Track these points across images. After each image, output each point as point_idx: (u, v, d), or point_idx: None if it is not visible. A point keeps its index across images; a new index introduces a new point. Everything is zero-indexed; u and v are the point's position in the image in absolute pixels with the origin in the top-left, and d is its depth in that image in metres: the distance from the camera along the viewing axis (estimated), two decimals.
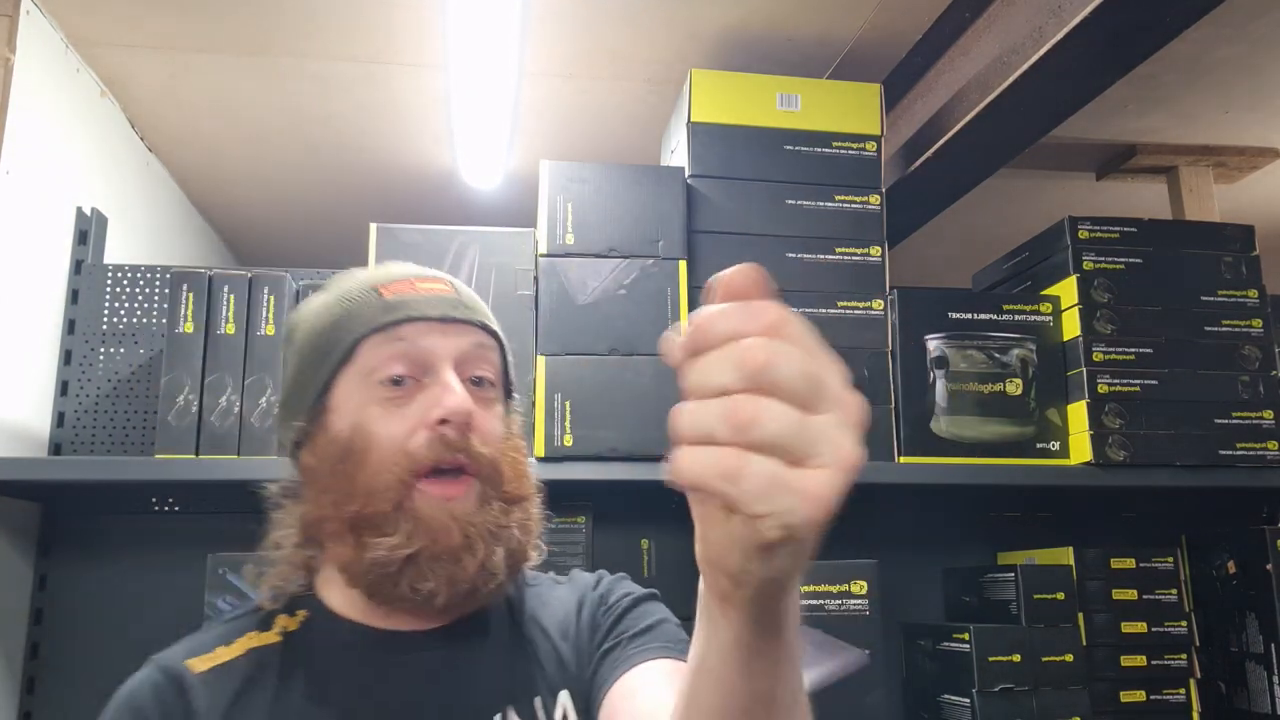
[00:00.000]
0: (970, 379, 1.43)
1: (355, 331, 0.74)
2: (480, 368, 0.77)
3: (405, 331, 0.74)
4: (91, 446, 1.41)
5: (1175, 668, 1.40)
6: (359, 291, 0.77)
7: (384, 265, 0.83)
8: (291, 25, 1.54)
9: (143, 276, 1.46)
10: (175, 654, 0.74)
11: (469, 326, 0.77)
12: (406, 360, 0.74)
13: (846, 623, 1.30)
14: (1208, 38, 1.58)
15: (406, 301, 0.76)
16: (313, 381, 0.76)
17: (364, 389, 0.74)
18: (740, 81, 1.46)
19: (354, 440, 0.72)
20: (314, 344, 0.77)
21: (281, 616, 0.77)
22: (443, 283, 0.80)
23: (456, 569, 0.70)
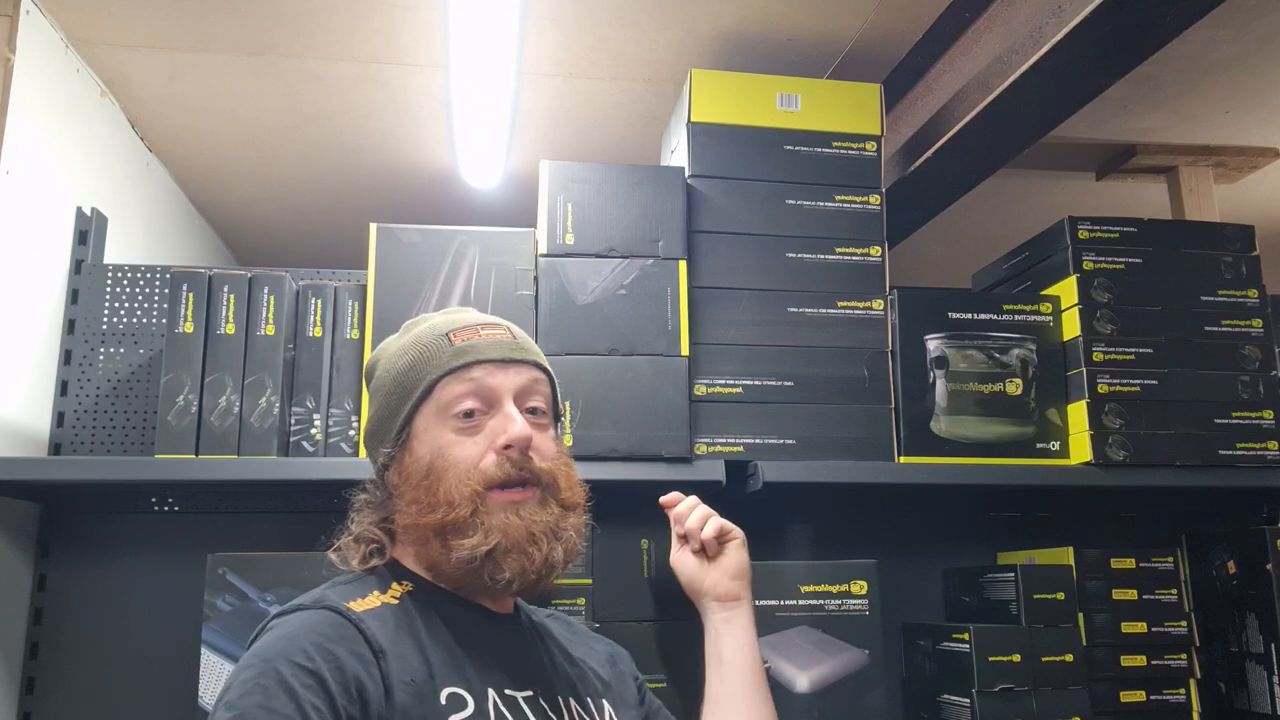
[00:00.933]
0: (970, 379, 1.43)
1: (432, 374, 0.91)
2: (535, 400, 0.94)
3: (474, 373, 0.91)
4: (91, 446, 1.41)
5: (1175, 668, 1.40)
6: (433, 339, 0.94)
7: (452, 313, 0.99)
8: (291, 25, 1.54)
9: (143, 276, 1.46)
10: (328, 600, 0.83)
11: (525, 366, 0.94)
12: (475, 396, 0.90)
13: (846, 623, 1.30)
14: (1208, 38, 1.58)
15: (474, 346, 0.92)
16: (397, 415, 0.92)
17: (440, 421, 0.90)
18: (740, 81, 1.46)
19: (435, 462, 0.88)
20: (397, 383, 0.93)
21: (393, 583, 0.89)
22: (502, 328, 0.96)
23: (525, 560, 0.86)
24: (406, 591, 0.89)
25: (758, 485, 1.29)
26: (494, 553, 0.86)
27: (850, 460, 1.36)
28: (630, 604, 1.35)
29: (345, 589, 0.87)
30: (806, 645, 1.28)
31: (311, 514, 1.23)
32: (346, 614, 0.81)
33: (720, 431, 1.35)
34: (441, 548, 0.87)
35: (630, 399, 1.31)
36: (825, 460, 1.35)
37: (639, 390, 1.32)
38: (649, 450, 1.30)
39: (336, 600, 0.83)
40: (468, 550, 0.85)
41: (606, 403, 1.31)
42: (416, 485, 0.89)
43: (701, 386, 1.36)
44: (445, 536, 0.87)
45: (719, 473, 1.31)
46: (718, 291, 1.39)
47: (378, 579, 0.90)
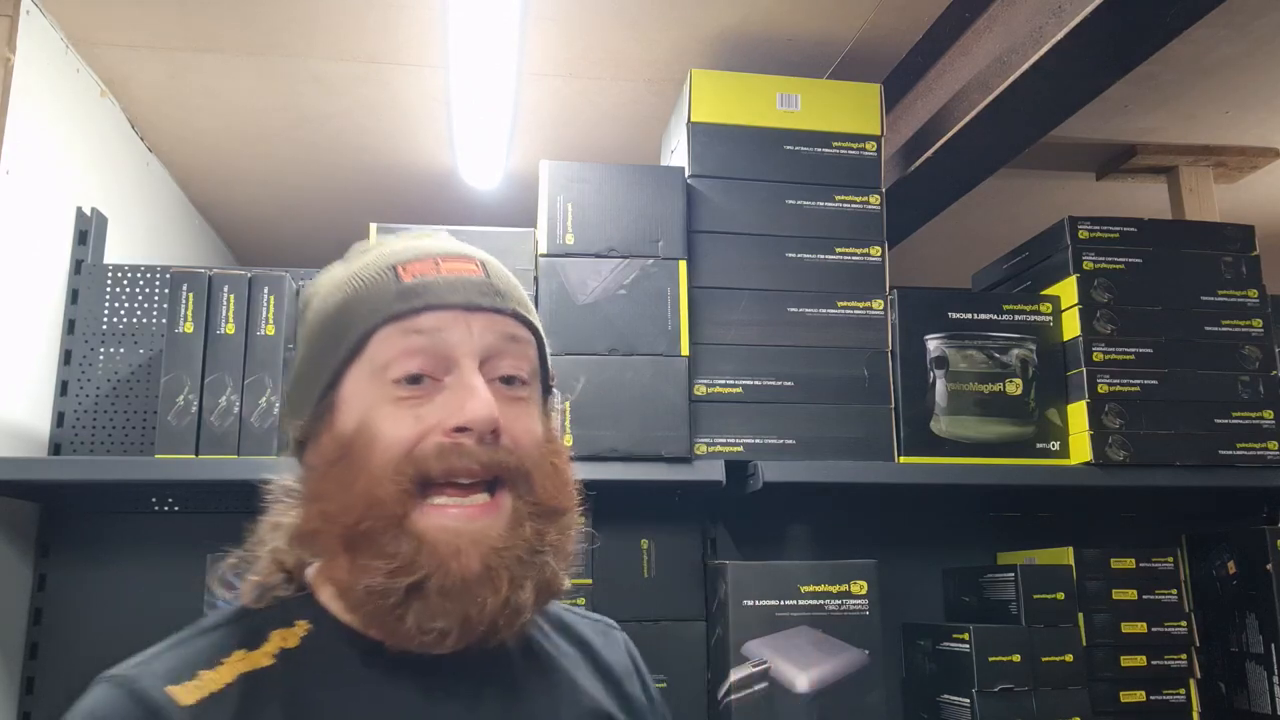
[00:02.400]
0: (970, 379, 1.43)
1: (367, 320, 0.64)
2: (511, 365, 0.67)
3: (424, 322, 0.64)
4: (91, 446, 1.41)
5: (1175, 668, 1.40)
6: (375, 270, 0.67)
7: (408, 236, 0.71)
8: (291, 25, 1.54)
9: (143, 276, 1.46)
10: (150, 675, 0.60)
11: (500, 316, 0.66)
12: (425, 356, 0.63)
13: (846, 623, 1.30)
14: (1208, 38, 1.58)
15: (427, 286, 0.65)
16: (320, 373, 0.66)
17: (375, 386, 0.63)
18: (740, 81, 1.46)
19: (357, 439, 0.62)
20: (323, 329, 0.67)
21: (277, 632, 0.64)
22: (472, 262, 0.68)
23: (472, 605, 0.59)
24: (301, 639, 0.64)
25: (758, 485, 1.29)
26: (422, 590, 0.59)
27: (850, 460, 1.36)
28: (630, 604, 1.35)
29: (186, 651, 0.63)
30: (806, 645, 1.28)
31: None
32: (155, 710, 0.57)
33: (720, 431, 1.35)
34: (350, 568, 0.61)
35: (630, 399, 1.31)
36: (825, 460, 1.35)
37: (639, 390, 1.32)
38: (649, 450, 1.30)
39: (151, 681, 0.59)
40: (381, 577, 0.59)
41: (606, 403, 1.31)
42: (326, 471, 0.63)
43: (701, 386, 1.36)
44: (355, 552, 0.61)
45: (719, 473, 1.31)
46: (718, 291, 1.39)
47: (255, 624, 0.65)
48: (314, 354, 0.68)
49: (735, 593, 1.29)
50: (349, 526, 0.61)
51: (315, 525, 0.64)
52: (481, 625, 0.60)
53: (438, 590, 0.59)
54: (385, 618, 0.60)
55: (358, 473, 0.61)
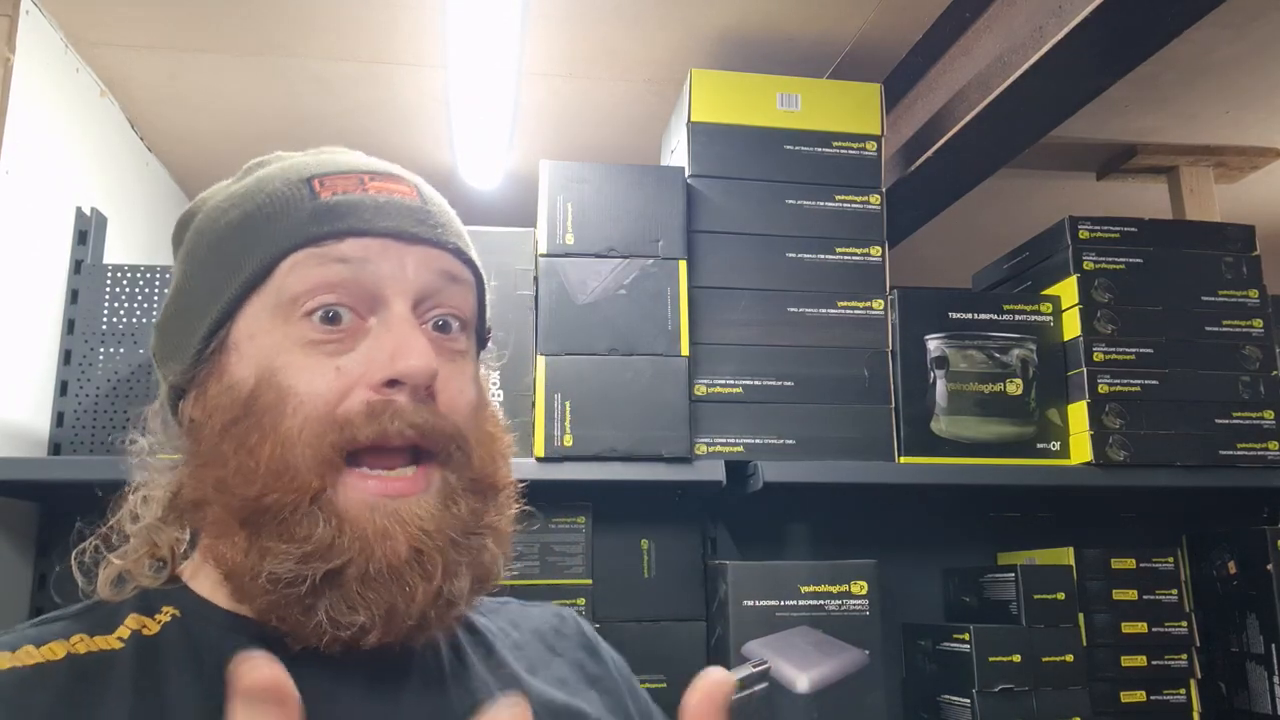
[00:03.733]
0: (970, 379, 1.43)
1: (276, 242, 0.53)
2: (449, 305, 0.56)
3: (347, 249, 0.53)
4: (91, 446, 1.41)
5: (1175, 668, 1.40)
6: (284, 183, 0.56)
7: (321, 149, 0.61)
8: (291, 25, 1.54)
9: (143, 276, 1.46)
10: None
11: (436, 250, 0.56)
12: (346, 290, 0.53)
13: (846, 623, 1.30)
14: (1208, 38, 1.58)
15: (350, 205, 0.54)
16: (209, 306, 0.54)
17: (282, 324, 0.53)
18: (740, 81, 1.45)
19: (260, 394, 0.51)
20: (214, 250, 0.55)
21: (134, 617, 0.54)
22: (403, 183, 0.58)
23: (400, 595, 0.49)
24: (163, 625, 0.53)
25: (758, 485, 1.29)
26: (341, 577, 0.49)
27: (850, 460, 1.36)
28: (630, 604, 1.35)
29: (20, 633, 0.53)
30: (806, 645, 1.28)
31: None
32: None
33: (720, 431, 1.35)
34: (248, 550, 0.50)
35: (630, 399, 1.31)
36: (825, 460, 1.35)
37: (639, 390, 1.32)
38: (649, 450, 1.30)
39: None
40: (292, 562, 0.49)
41: (606, 403, 1.30)
42: (222, 432, 0.52)
43: (701, 386, 1.36)
44: (255, 530, 0.50)
45: (719, 473, 1.31)
46: (718, 291, 1.39)
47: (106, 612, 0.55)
48: (200, 282, 0.56)
49: (735, 593, 1.29)
50: (250, 500, 0.50)
51: (203, 495, 0.53)
52: (410, 619, 0.50)
53: (358, 578, 0.49)
54: (289, 610, 0.49)
55: (264, 435, 0.50)
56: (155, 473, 0.58)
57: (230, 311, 0.54)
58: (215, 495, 0.52)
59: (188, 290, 0.57)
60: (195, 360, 0.55)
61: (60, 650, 0.51)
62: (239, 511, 0.51)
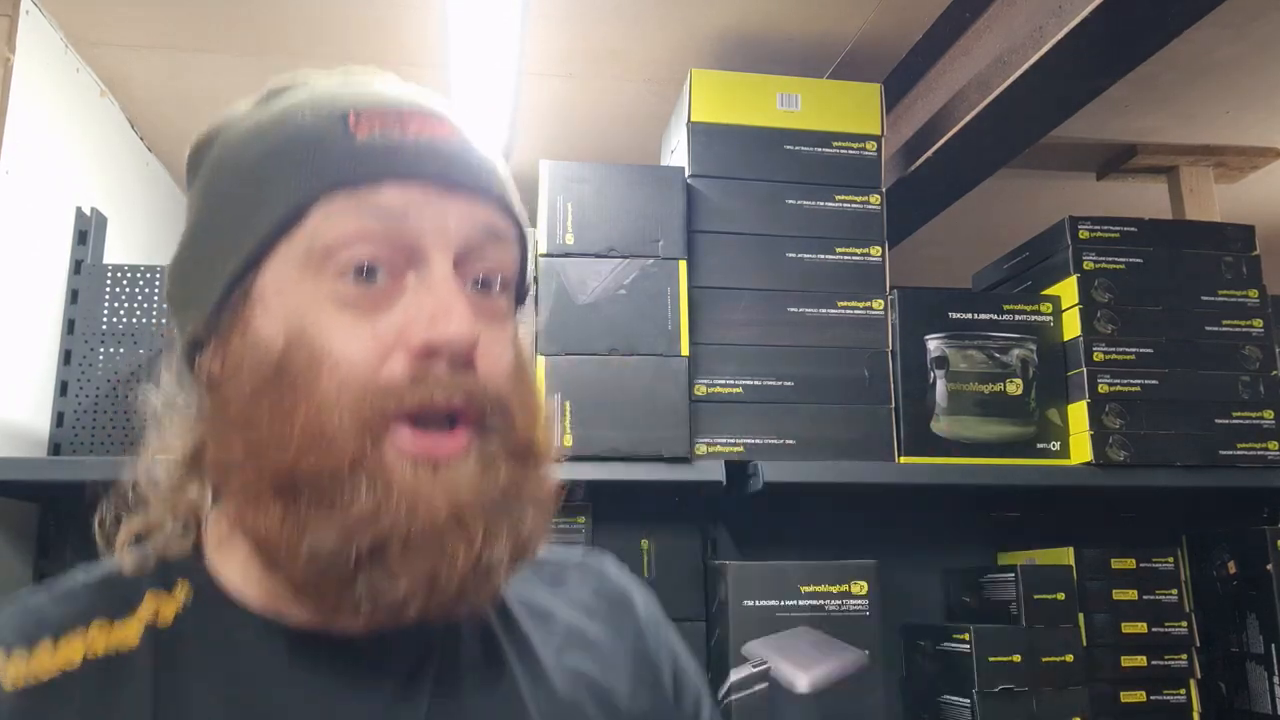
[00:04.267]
0: (970, 379, 1.43)
1: (307, 184, 0.48)
2: (491, 265, 0.52)
3: (386, 198, 0.48)
4: (91, 446, 1.41)
5: (1175, 668, 1.40)
6: (316, 116, 0.50)
7: (354, 72, 0.55)
8: (291, 25, 1.54)
9: (142, 276, 1.46)
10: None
11: (481, 198, 0.51)
12: (383, 242, 0.48)
13: (846, 623, 1.30)
14: (1208, 38, 1.58)
15: (391, 147, 0.49)
16: (231, 250, 0.50)
17: (312, 277, 0.48)
18: (740, 81, 1.45)
19: (292, 355, 0.47)
20: (238, 187, 0.50)
21: (150, 594, 0.51)
22: (446, 123, 0.52)
23: (441, 562, 0.46)
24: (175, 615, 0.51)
25: (758, 485, 1.29)
26: (385, 547, 0.45)
27: (850, 460, 1.36)
28: None
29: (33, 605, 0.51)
30: (806, 645, 1.28)
31: None
32: None
33: (720, 431, 1.35)
34: (285, 520, 0.46)
35: (630, 399, 1.31)
36: (825, 460, 1.35)
37: (639, 390, 1.31)
38: (649, 450, 1.30)
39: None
40: (334, 535, 0.45)
41: (606, 403, 1.30)
42: (252, 395, 0.48)
43: (701, 386, 1.36)
44: (292, 499, 0.46)
45: (719, 473, 1.31)
46: (718, 291, 1.39)
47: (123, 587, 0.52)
48: (221, 223, 0.51)
49: (735, 593, 1.29)
50: (285, 466, 0.46)
51: (230, 458, 0.49)
52: (450, 587, 0.46)
53: (400, 545, 0.46)
54: (328, 583, 0.46)
55: (298, 399, 0.47)
56: (171, 431, 0.54)
57: (255, 259, 0.49)
58: (246, 459, 0.48)
59: (207, 231, 0.52)
60: (216, 309, 0.50)
61: (78, 653, 0.48)
62: (273, 478, 0.47)
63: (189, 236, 0.53)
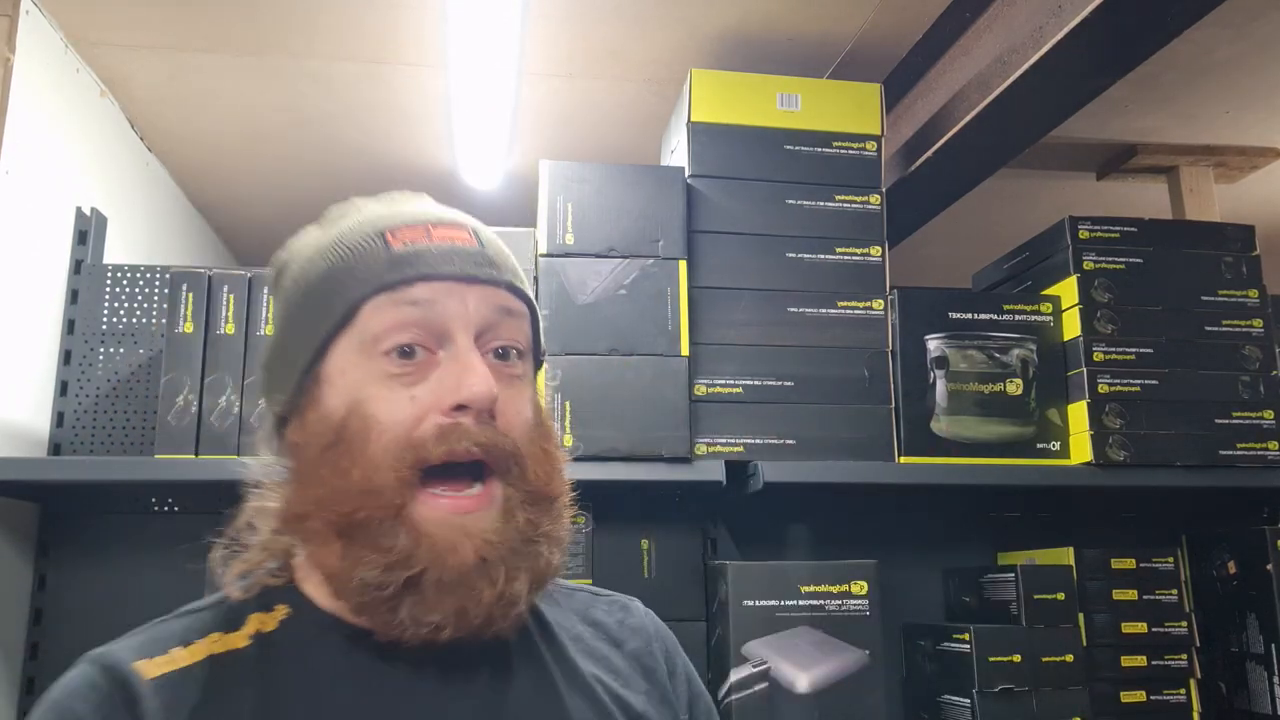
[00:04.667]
0: (970, 379, 1.43)
1: (356, 290, 0.62)
2: (506, 336, 0.65)
3: (417, 293, 0.61)
4: (91, 446, 1.41)
5: (1175, 668, 1.40)
6: (362, 236, 0.64)
7: (392, 199, 0.69)
8: (291, 25, 1.54)
9: (142, 276, 1.46)
10: (121, 651, 0.61)
11: (494, 288, 0.64)
12: (418, 328, 0.61)
13: (846, 623, 1.30)
14: (1208, 38, 1.58)
15: (419, 254, 0.63)
16: (304, 346, 0.63)
17: (366, 360, 0.61)
18: (740, 81, 1.45)
19: (350, 423, 0.60)
20: (307, 298, 0.64)
21: (255, 615, 0.64)
22: (464, 230, 0.66)
23: (468, 598, 0.58)
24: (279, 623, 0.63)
25: (758, 485, 1.29)
26: (420, 582, 0.58)
27: (850, 460, 1.36)
28: None
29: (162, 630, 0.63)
30: (806, 645, 1.28)
31: None
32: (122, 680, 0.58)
33: (720, 431, 1.35)
34: (343, 557, 0.59)
35: (630, 399, 1.31)
36: (825, 460, 1.35)
37: (639, 390, 1.32)
38: (649, 450, 1.30)
39: (121, 657, 0.60)
40: (378, 571, 0.58)
41: (606, 403, 1.31)
42: (320, 457, 0.61)
43: (701, 386, 1.36)
44: (349, 540, 0.59)
45: (719, 473, 1.31)
46: (718, 291, 1.39)
47: (232, 610, 0.64)
48: (297, 325, 0.64)
49: (735, 593, 1.29)
50: (344, 514, 0.59)
51: (306, 509, 0.61)
52: (477, 618, 0.59)
53: (434, 584, 0.58)
54: (378, 610, 0.59)
55: (354, 459, 0.59)
56: (267, 489, 0.66)
57: (322, 349, 0.63)
58: (315, 510, 0.60)
59: (286, 333, 0.66)
60: (295, 392, 0.64)
61: (200, 653, 0.61)
62: (335, 525, 0.59)
63: (274, 339, 0.67)
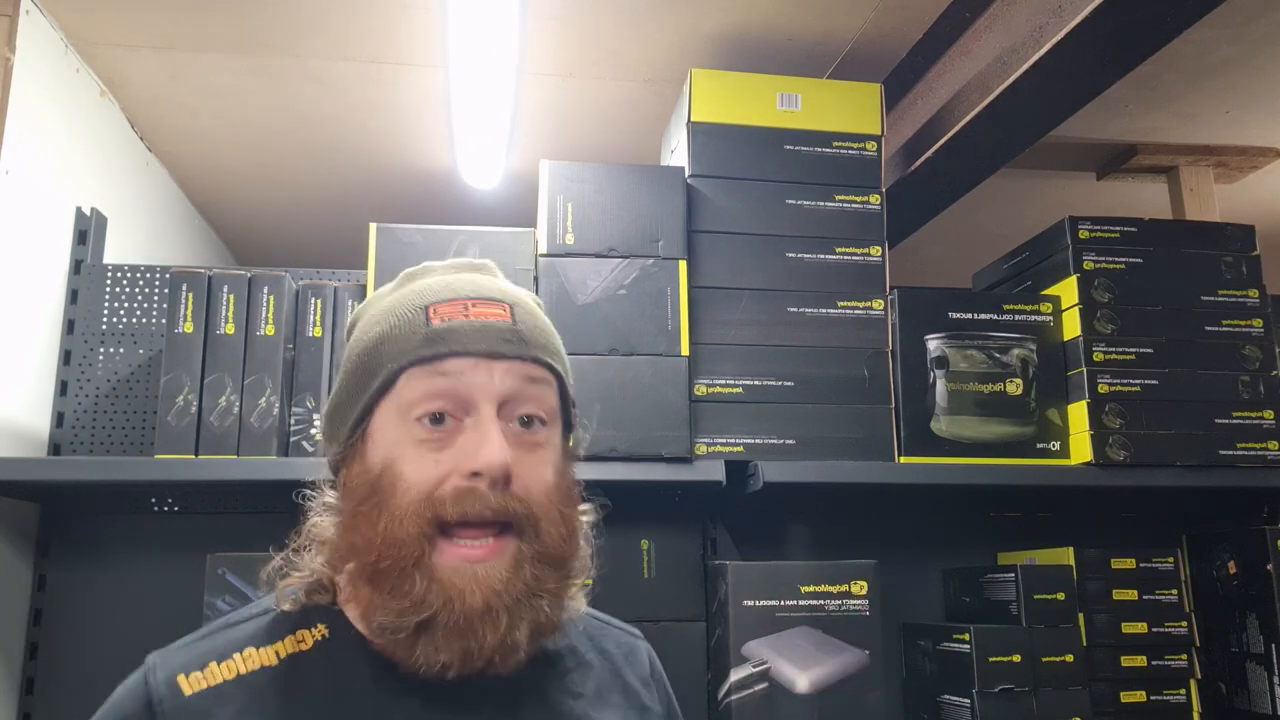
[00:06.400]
0: (970, 379, 1.43)
1: (396, 361, 0.69)
2: (530, 407, 0.70)
3: (448, 367, 0.68)
4: (91, 447, 1.41)
5: (1175, 668, 1.40)
6: (408, 309, 0.72)
7: (452, 271, 0.76)
8: (291, 25, 1.54)
9: (142, 276, 1.46)
10: (168, 664, 0.69)
11: (521, 363, 0.70)
12: (446, 399, 0.68)
13: (846, 623, 1.30)
14: (1208, 38, 1.58)
15: (453, 332, 0.69)
16: (354, 404, 0.72)
17: (401, 424, 0.69)
18: (740, 81, 1.45)
19: (383, 479, 0.68)
20: (360, 363, 0.72)
21: (294, 633, 0.71)
22: (501, 307, 0.72)
23: (472, 641, 0.64)
24: (316, 641, 0.71)
25: (758, 485, 1.29)
26: (431, 625, 0.65)
27: (850, 460, 1.36)
28: (630, 604, 1.35)
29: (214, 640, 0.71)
30: (806, 645, 1.28)
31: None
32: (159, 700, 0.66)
33: (720, 431, 1.35)
34: (369, 601, 0.67)
35: (630, 399, 1.31)
36: (825, 460, 1.35)
37: (639, 390, 1.32)
38: (649, 450, 1.30)
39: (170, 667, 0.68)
40: (393, 615, 0.65)
41: (606, 403, 1.31)
42: (358, 504, 0.69)
43: (701, 386, 1.36)
44: (375, 586, 0.66)
45: (719, 473, 1.31)
46: (718, 291, 1.39)
47: (274, 623, 0.72)
48: (350, 386, 0.73)
49: (735, 593, 1.29)
50: (371, 563, 0.66)
51: (344, 553, 0.70)
52: (480, 660, 0.65)
53: (444, 626, 0.64)
54: (397, 645, 0.66)
55: (381, 511, 0.66)
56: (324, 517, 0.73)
57: (368, 410, 0.71)
58: (351, 554, 0.69)
59: (344, 390, 0.74)
60: (346, 444, 0.72)
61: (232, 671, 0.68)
62: (364, 570, 0.67)
63: (335, 393, 0.75)
